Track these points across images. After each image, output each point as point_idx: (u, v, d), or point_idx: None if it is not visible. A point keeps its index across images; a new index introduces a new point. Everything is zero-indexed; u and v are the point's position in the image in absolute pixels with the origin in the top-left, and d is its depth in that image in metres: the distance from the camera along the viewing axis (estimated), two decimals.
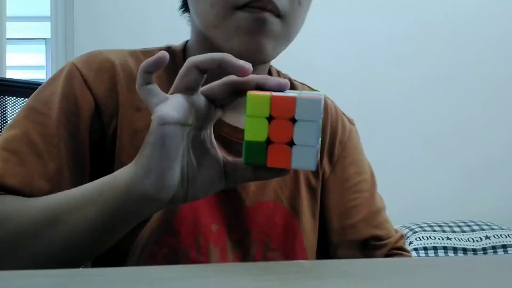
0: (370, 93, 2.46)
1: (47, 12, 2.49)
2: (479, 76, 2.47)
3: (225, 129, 0.65)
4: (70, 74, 0.63)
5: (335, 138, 0.74)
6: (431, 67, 2.47)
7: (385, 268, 0.35)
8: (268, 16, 0.59)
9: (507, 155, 2.46)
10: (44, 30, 3.51)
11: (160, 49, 0.69)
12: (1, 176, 0.56)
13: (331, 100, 0.78)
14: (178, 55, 0.69)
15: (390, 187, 2.11)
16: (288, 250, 0.68)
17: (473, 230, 2.10)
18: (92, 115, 0.62)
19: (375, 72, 2.46)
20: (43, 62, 4.30)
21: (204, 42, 0.65)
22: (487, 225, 2.13)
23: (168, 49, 0.70)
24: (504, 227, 2.13)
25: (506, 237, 2.04)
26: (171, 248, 0.62)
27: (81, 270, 0.32)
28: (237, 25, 0.59)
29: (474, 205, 2.37)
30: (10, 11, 2.35)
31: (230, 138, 0.65)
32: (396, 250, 0.73)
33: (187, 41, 0.72)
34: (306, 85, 0.78)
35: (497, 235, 2.06)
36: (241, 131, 0.61)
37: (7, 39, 2.21)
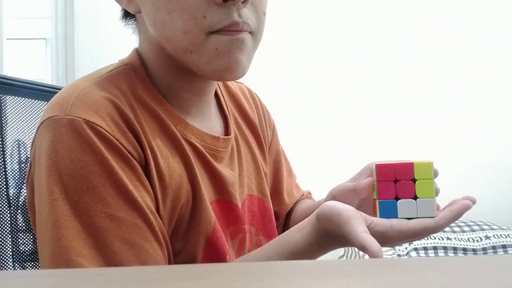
0: (369, 92, 2.46)
1: (47, 12, 2.49)
2: (480, 75, 2.47)
3: (194, 133, 0.67)
4: (99, 136, 0.56)
5: (267, 125, 0.86)
6: (432, 66, 2.47)
7: (385, 268, 0.35)
8: (245, 35, 0.61)
9: (507, 155, 2.46)
10: (44, 30, 3.51)
11: (116, 69, 0.66)
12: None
13: (254, 92, 0.89)
14: (140, 72, 0.66)
15: None
16: (269, 232, 0.77)
17: (473, 230, 2.09)
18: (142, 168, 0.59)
19: (375, 71, 2.46)
20: (43, 62, 4.30)
21: (168, 59, 0.64)
22: (487, 225, 2.13)
23: (126, 66, 0.67)
24: (504, 227, 2.12)
25: (506, 237, 2.04)
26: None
27: (81, 270, 0.32)
28: (216, 47, 0.60)
29: (474, 205, 2.37)
30: (10, 11, 2.35)
31: (201, 141, 0.67)
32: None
33: (136, 50, 0.69)
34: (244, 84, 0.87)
35: (497, 235, 2.05)
36: (207, 135, 0.67)
37: (7, 39, 2.20)
